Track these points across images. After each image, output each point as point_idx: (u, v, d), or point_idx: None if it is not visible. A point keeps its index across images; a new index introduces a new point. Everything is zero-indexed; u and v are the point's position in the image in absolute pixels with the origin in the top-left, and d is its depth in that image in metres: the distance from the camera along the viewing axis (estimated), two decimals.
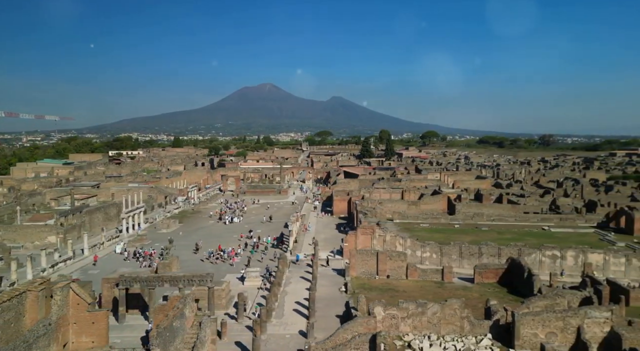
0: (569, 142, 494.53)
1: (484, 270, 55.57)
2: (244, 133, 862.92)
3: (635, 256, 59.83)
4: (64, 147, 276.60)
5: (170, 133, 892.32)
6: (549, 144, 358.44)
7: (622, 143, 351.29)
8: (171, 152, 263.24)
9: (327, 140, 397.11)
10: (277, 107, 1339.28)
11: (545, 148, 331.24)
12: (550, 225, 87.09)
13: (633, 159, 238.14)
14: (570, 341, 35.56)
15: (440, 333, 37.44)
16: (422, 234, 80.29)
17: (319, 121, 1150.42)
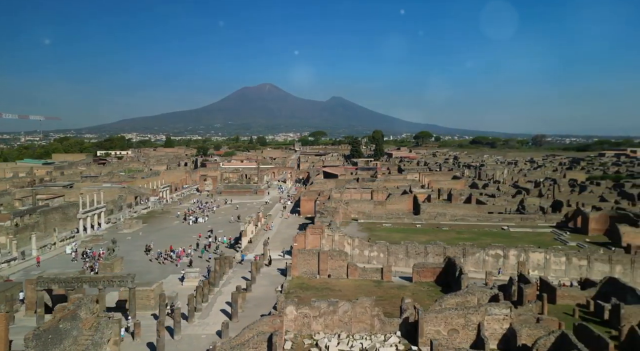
0: (566, 142, 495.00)
1: (422, 269, 56.49)
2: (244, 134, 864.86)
3: (575, 255, 60.70)
4: (55, 147, 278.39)
5: (169, 133, 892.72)
6: (541, 144, 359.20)
7: (613, 144, 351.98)
8: (161, 152, 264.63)
9: (320, 141, 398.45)
10: (276, 107, 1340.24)
11: (537, 149, 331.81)
12: (510, 224, 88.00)
13: (620, 160, 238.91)
14: (472, 337, 36.52)
15: (351, 332, 38.23)
16: (381, 234, 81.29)
17: (318, 121, 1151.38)
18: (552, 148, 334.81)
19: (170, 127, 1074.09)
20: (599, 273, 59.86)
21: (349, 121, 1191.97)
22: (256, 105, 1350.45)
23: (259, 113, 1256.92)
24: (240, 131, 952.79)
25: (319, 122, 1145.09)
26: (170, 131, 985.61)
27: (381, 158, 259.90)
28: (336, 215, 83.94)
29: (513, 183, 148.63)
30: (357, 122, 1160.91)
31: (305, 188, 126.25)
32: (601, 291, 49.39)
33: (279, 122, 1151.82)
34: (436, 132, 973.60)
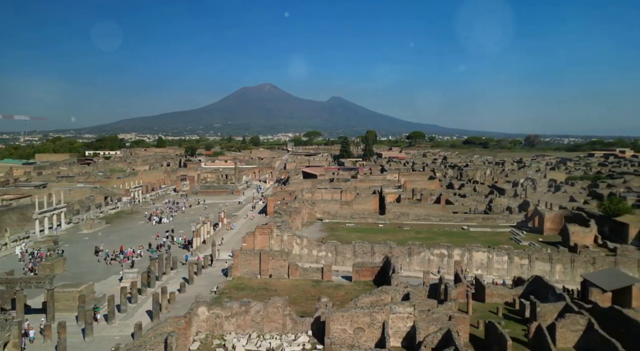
0: (564, 143, 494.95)
1: (361, 268, 57.25)
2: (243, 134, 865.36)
3: (517, 255, 61.46)
4: (47, 147, 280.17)
5: (168, 133, 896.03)
6: (534, 145, 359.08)
7: (606, 144, 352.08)
8: (150, 152, 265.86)
9: (314, 141, 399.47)
10: (276, 108, 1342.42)
11: (529, 149, 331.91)
12: (471, 224, 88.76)
13: (608, 160, 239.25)
14: (377, 336, 37.24)
15: (263, 331, 38.84)
16: (341, 233, 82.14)
17: (317, 121, 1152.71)
18: (544, 148, 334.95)
19: (170, 127, 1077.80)
20: (539, 272, 60.46)
21: (348, 121, 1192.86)
22: (256, 105, 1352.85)
23: (259, 114, 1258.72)
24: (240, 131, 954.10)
25: (319, 122, 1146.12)
26: (170, 131, 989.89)
27: (370, 158, 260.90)
28: (297, 215, 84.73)
29: (492, 183, 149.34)
30: (357, 122, 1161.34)
31: (281, 189, 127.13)
32: (528, 290, 50.16)
33: (279, 122, 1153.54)
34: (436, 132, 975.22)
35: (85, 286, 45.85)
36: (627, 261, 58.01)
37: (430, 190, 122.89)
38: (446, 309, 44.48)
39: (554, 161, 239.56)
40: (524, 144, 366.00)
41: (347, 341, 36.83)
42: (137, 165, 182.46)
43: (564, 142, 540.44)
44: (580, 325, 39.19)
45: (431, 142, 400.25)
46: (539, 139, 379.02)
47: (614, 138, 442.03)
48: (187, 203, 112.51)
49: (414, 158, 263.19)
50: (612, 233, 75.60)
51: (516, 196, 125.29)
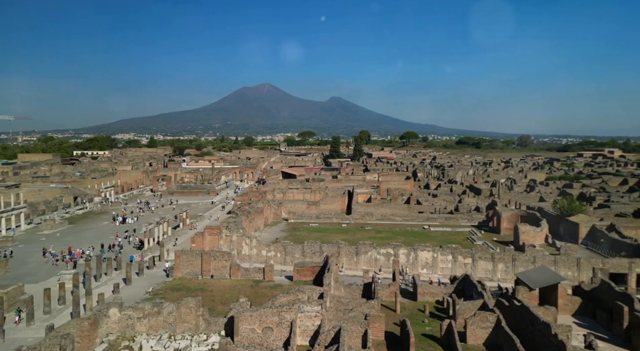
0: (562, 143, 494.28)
1: (301, 268, 57.71)
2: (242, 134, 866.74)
3: (460, 254, 61.90)
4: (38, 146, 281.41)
5: (167, 133, 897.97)
6: (526, 145, 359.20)
7: (598, 144, 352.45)
8: (139, 152, 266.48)
9: (307, 141, 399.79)
10: (275, 108, 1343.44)
11: (520, 150, 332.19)
12: (434, 224, 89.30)
13: (596, 160, 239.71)
14: (285, 335, 37.63)
15: (175, 332, 39.16)
16: (302, 233, 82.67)
17: (317, 121, 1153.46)
18: (536, 148, 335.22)
19: (169, 127, 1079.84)
20: (482, 271, 61.21)
21: (348, 121, 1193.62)
22: (255, 105, 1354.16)
23: (258, 114, 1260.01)
24: (239, 131, 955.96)
25: (318, 122, 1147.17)
26: (169, 131, 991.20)
27: (359, 159, 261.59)
28: (258, 215, 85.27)
29: (470, 183, 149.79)
30: (356, 123, 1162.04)
31: (257, 189, 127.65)
32: (458, 288, 50.76)
33: (278, 122, 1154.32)
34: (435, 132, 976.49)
35: (13, 288, 46.23)
36: (567, 260, 58.39)
37: (401, 189, 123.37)
38: (368, 307, 45.11)
39: (540, 161, 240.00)
40: (517, 144, 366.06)
41: (255, 340, 37.35)
42: (122, 165, 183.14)
43: (562, 142, 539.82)
44: (490, 322, 39.82)
45: (424, 142, 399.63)
46: (531, 139, 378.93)
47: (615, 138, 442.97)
48: (159, 203, 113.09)
49: (402, 159, 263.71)
50: (565, 233, 76.18)
51: (492, 196, 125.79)
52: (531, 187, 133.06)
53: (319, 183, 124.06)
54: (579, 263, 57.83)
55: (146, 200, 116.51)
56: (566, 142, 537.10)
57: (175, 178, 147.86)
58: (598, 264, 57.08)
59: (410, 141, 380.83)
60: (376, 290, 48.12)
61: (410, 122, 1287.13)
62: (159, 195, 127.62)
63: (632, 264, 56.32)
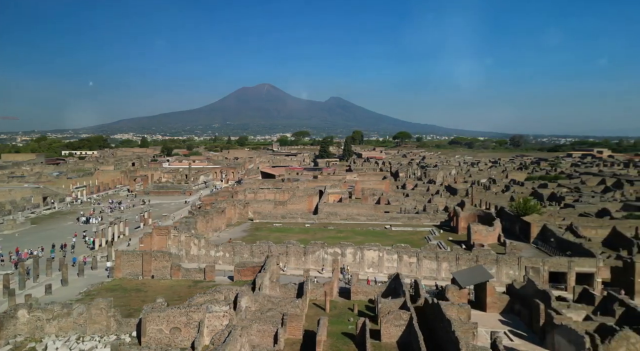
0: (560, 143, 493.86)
1: (242, 268, 57.72)
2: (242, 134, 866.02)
3: (405, 253, 62.05)
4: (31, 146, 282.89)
5: (166, 133, 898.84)
6: (519, 145, 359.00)
7: (591, 144, 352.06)
8: (128, 152, 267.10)
9: (300, 141, 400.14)
10: (274, 108, 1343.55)
11: (512, 150, 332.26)
12: (396, 224, 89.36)
13: (584, 160, 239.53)
14: (193, 335, 37.64)
15: (85, 333, 38.97)
16: (262, 234, 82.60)
17: (316, 122, 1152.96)
18: (527, 148, 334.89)
19: (168, 127, 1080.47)
20: (427, 270, 61.38)
21: (347, 121, 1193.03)
22: (255, 105, 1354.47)
23: (258, 114, 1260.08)
24: (239, 131, 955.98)
25: (318, 122, 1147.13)
26: (168, 131, 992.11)
27: (348, 159, 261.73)
28: (218, 215, 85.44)
29: (449, 184, 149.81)
30: (356, 123, 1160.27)
31: (232, 188, 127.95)
32: (390, 287, 50.90)
33: (278, 122, 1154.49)
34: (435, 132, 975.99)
35: None
36: (508, 259, 58.56)
37: (375, 189, 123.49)
38: (293, 306, 45.29)
39: (528, 161, 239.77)
40: (509, 144, 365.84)
41: (163, 341, 37.38)
42: (106, 165, 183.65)
43: (561, 142, 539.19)
44: (403, 320, 39.98)
45: (418, 142, 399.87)
46: (523, 139, 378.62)
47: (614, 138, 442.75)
48: (130, 203, 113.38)
49: (392, 159, 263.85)
50: (520, 232, 76.29)
51: (467, 196, 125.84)
52: (508, 187, 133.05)
53: (291, 183, 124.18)
54: (519, 262, 57.93)
55: (119, 200, 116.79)
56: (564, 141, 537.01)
57: (151, 178, 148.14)
58: (538, 263, 57.19)
59: (403, 141, 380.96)
60: (305, 289, 48.23)
61: (410, 122, 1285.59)
62: (133, 195, 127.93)
63: (571, 263, 56.41)
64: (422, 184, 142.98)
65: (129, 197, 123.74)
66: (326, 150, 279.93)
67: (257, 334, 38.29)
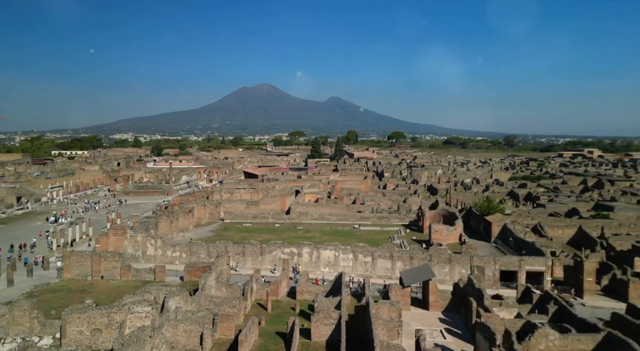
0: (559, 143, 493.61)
1: (192, 268, 57.47)
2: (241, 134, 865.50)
3: (361, 252, 61.94)
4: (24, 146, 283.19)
5: (165, 133, 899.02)
6: (512, 145, 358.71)
7: (585, 144, 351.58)
8: (119, 152, 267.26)
9: (294, 141, 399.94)
10: (274, 108, 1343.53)
11: (505, 149, 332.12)
12: (365, 224, 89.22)
13: (574, 160, 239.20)
14: (115, 336, 37.66)
15: (9, 334, 38.58)
16: (230, 234, 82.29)
17: (316, 122, 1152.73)
18: (520, 148, 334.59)
19: (167, 127, 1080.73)
20: (382, 269, 61.24)
21: (347, 121, 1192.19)
22: (254, 105, 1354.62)
23: (257, 114, 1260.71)
24: (238, 131, 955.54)
25: (317, 122, 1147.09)
26: (167, 131, 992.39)
27: (339, 159, 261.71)
28: (185, 215, 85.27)
29: (431, 184, 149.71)
30: (355, 123, 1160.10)
31: (212, 188, 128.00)
32: (335, 286, 50.75)
33: (277, 122, 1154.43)
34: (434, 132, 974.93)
35: None
36: (461, 258, 58.49)
37: (353, 189, 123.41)
38: (230, 307, 45.22)
39: (518, 161, 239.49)
40: (503, 144, 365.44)
41: (84, 342, 37.05)
42: (93, 165, 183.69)
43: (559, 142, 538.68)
44: (333, 319, 39.89)
45: (412, 142, 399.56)
46: (517, 139, 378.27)
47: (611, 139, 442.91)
48: (107, 203, 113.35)
49: (384, 159, 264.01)
50: (484, 232, 76.13)
51: (447, 195, 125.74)
52: (488, 187, 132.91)
53: (268, 183, 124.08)
54: (471, 261, 57.82)
55: (96, 200, 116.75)
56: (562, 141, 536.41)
57: (132, 178, 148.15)
58: (490, 262, 57.13)
59: (398, 141, 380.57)
60: (246, 289, 48.14)
61: (410, 122, 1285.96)
62: (111, 195, 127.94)
63: (522, 262, 56.36)
64: (405, 184, 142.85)
65: (107, 197, 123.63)
66: (317, 151, 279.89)
67: (183, 334, 38.09)
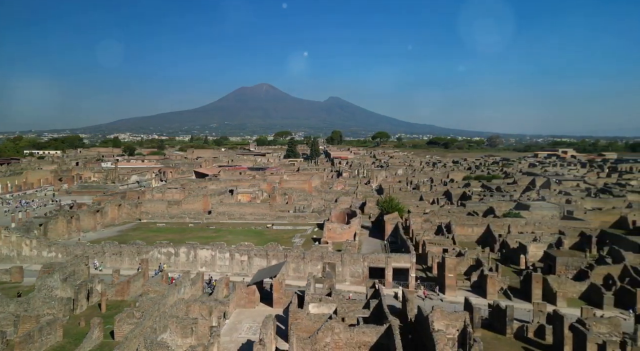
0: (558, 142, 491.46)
1: (49, 268, 56.35)
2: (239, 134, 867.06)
3: (237, 252, 60.94)
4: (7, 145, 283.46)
5: (163, 133, 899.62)
6: (495, 145, 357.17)
7: (569, 144, 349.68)
8: (93, 151, 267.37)
9: (279, 141, 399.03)
10: (273, 108, 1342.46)
11: (487, 149, 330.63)
12: (281, 223, 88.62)
13: (547, 160, 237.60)
14: None
15: None
16: (135, 234, 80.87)
17: (314, 121, 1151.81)
18: (500, 149, 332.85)
19: (165, 127, 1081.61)
20: (257, 267, 60.00)
21: (345, 121, 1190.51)
22: (253, 105, 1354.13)
23: (256, 114, 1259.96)
24: (236, 131, 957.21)
25: (316, 122, 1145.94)
26: (165, 131, 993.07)
27: (314, 159, 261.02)
28: (90, 215, 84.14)
29: (380, 184, 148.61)
30: (354, 123, 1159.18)
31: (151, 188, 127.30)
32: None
33: (276, 122, 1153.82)
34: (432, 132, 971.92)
35: None
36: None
37: (291, 189, 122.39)
38: (49, 309, 44.30)
39: (491, 161, 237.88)
40: (486, 144, 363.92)
41: None
42: (53, 164, 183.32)
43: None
44: (135, 317, 39.15)
45: (398, 141, 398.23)
46: (500, 140, 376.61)
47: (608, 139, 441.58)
48: (42, 202, 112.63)
49: (359, 159, 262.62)
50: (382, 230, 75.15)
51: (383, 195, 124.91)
52: (431, 187, 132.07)
53: (202, 183, 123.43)
54: (342, 258, 57.12)
55: (33, 199, 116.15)
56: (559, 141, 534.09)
57: (78, 178, 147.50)
58: (359, 259, 56.59)
59: (382, 141, 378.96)
60: (94, 290, 47.33)
61: (409, 122, 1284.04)
62: (51, 194, 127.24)
63: (389, 259, 55.54)
64: (355, 184, 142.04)
65: (48, 197, 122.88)
66: (293, 151, 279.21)
67: None
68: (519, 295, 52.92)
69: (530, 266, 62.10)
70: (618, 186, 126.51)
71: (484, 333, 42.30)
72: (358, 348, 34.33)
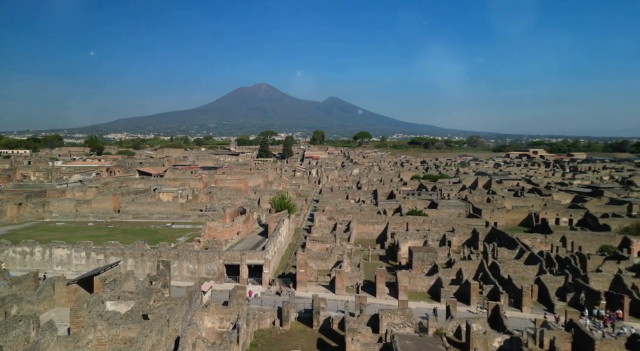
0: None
1: None
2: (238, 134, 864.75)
3: (94, 251, 59.55)
4: None
5: (160, 133, 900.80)
6: (476, 145, 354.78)
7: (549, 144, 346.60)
8: (64, 150, 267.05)
9: (260, 141, 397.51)
10: (271, 108, 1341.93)
11: (465, 149, 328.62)
12: (183, 221, 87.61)
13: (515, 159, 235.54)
14: None
15: None
16: (25, 233, 78.88)
17: (313, 121, 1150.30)
18: (478, 149, 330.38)
19: (164, 127, 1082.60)
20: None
21: (344, 121, 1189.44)
22: (252, 105, 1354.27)
23: (255, 114, 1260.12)
24: (235, 131, 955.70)
25: (315, 122, 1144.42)
26: (163, 131, 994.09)
27: (287, 158, 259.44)
28: None
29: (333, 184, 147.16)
30: (353, 123, 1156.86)
31: None
32: None
33: (274, 122, 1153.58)
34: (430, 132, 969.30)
35: None
36: (189, 254, 57.92)
37: (225, 188, 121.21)
38: None
39: (459, 161, 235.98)
40: (467, 144, 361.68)
41: None
42: (6, 163, 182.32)
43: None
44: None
45: (382, 141, 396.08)
46: (480, 140, 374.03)
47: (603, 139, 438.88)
48: None
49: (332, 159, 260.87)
50: None
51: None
52: (372, 185, 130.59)
53: (126, 183, 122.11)
54: (197, 256, 55.96)
55: None
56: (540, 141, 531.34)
57: (15, 176, 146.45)
58: (215, 256, 55.43)
59: (364, 141, 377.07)
60: None
61: (408, 122, 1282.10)
62: None
63: (243, 256, 55.22)
64: (299, 183, 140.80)
65: None
66: (265, 150, 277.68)
67: None
68: (369, 289, 53.61)
69: (403, 261, 62.94)
70: (560, 185, 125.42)
71: (293, 326, 43.52)
72: (124, 344, 33.63)
